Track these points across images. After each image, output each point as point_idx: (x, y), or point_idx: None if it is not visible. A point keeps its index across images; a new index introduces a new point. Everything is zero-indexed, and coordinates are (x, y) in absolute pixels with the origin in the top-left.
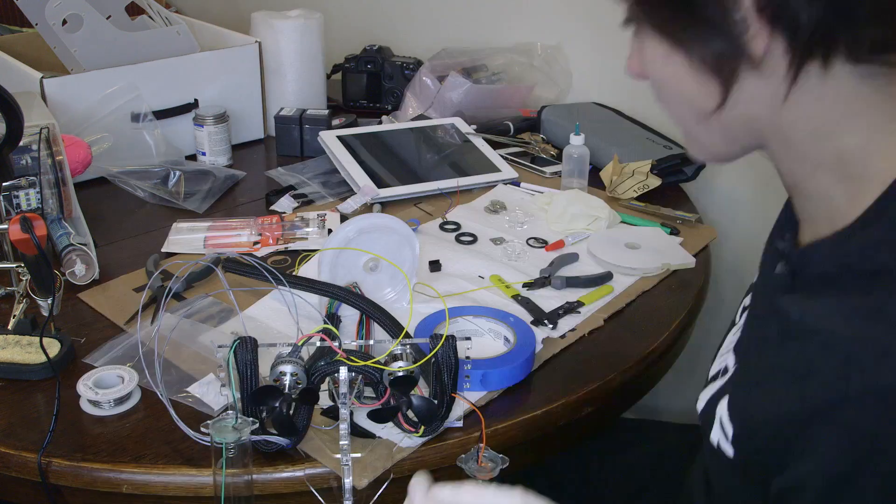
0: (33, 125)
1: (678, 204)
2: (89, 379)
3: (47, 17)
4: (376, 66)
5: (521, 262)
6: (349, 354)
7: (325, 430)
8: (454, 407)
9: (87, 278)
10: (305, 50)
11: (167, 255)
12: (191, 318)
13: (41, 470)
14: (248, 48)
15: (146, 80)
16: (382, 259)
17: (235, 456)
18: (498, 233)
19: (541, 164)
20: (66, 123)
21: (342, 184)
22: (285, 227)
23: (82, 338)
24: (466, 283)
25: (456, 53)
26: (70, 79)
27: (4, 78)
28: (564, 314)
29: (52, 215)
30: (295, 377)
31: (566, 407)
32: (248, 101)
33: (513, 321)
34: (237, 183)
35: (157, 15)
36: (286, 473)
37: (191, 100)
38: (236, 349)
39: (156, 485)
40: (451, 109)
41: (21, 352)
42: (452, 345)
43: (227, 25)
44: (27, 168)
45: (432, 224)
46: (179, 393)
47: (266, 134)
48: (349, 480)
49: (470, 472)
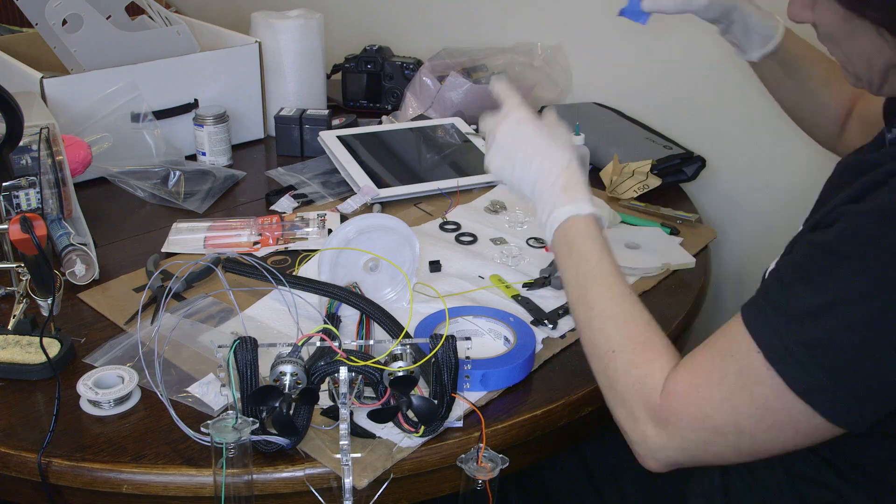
0: (33, 125)
1: (678, 204)
2: (89, 379)
3: (47, 17)
4: (376, 66)
5: (521, 263)
6: (349, 354)
7: (325, 430)
8: (454, 407)
9: (87, 278)
10: (305, 50)
11: (167, 255)
12: (191, 318)
13: (41, 470)
14: (248, 48)
15: (146, 80)
16: (382, 259)
17: (235, 456)
18: (498, 233)
19: None
20: (66, 123)
21: (342, 184)
22: (285, 227)
23: (82, 338)
24: (466, 283)
25: (456, 53)
26: (70, 79)
27: (4, 78)
28: (564, 314)
29: (52, 215)
30: (295, 377)
31: (566, 407)
32: (248, 101)
33: (513, 321)
34: (237, 183)
35: (157, 15)
36: (286, 473)
37: (191, 100)
38: (236, 349)
39: (156, 485)
40: (451, 109)
41: (21, 352)
42: (452, 345)
43: (227, 25)
44: (27, 168)
45: (432, 224)
46: (179, 393)
47: (266, 134)
48: (349, 480)
49: (470, 472)
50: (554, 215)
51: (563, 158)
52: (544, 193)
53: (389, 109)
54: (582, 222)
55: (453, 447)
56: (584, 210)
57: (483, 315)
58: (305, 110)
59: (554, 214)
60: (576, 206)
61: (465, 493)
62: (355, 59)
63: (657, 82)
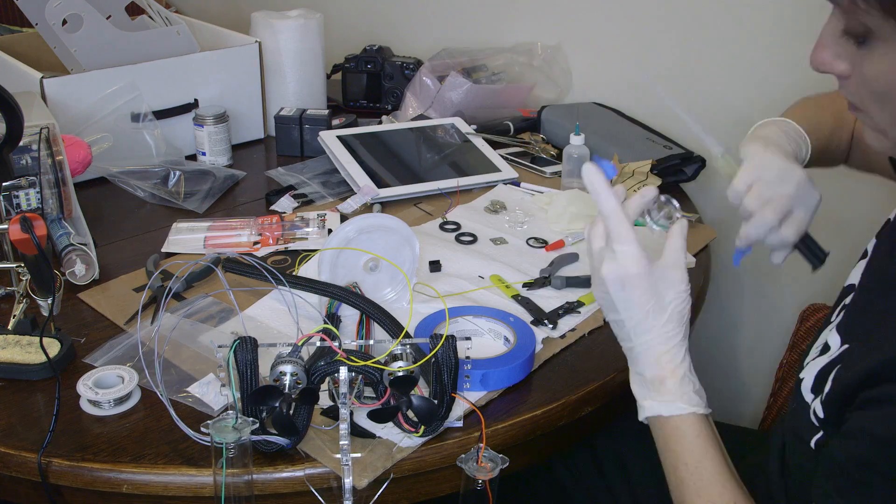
0: (33, 125)
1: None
2: (89, 379)
3: (47, 17)
4: (376, 66)
5: (521, 263)
6: (349, 354)
7: (325, 430)
8: (454, 407)
9: (87, 278)
10: (305, 50)
11: (167, 255)
12: (191, 318)
13: (41, 470)
14: (248, 48)
15: (146, 80)
16: (382, 259)
17: (235, 456)
18: (498, 233)
19: (541, 164)
20: (66, 123)
21: (342, 184)
22: (285, 227)
23: (82, 338)
24: (466, 283)
25: (456, 53)
26: (70, 79)
27: (4, 78)
28: (564, 314)
29: (52, 215)
30: (295, 377)
31: (566, 407)
32: (248, 101)
33: (513, 321)
34: (237, 183)
35: (157, 15)
36: (286, 473)
37: (191, 100)
38: (236, 349)
39: (156, 485)
40: (451, 109)
41: (21, 352)
42: (452, 345)
43: (227, 25)
44: (27, 168)
45: (432, 224)
46: (179, 393)
47: (266, 134)
48: (349, 480)
49: (470, 472)
50: (645, 405)
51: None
52: (642, 373)
53: (389, 109)
54: (679, 421)
55: (453, 447)
56: (679, 409)
57: (483, 315)
58: (305, 110)
59: (645, 404)
60: (670, 406)
61: (465, 493)
62: (355, 59)
63: (657, 82)
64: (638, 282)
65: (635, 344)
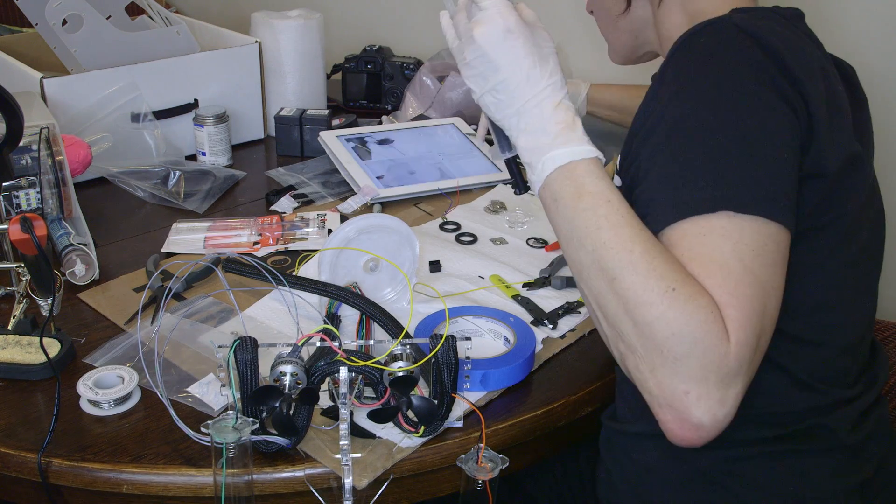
0: (33, 125)
1: None
2: (89, 379)
3: (47, 17)
4: (376, 66)
5: (521, 263)
6: (349, 354)
7: (325, 430)
8: (454, 407)
9: (87, 278)
10: (305, 50)
11: (167, 255)
12: (191, 318)
13: (41, 470)
14: (248, 48)
15: (146, 80)
16: (382, 259)
17: (235, 456)
18: (498, 233)
19: None
20: (66, 123)
21: (342, 184)
22: (285, 227)
23: (82, 338)
24: (466, 283)
25: None
26: (70, 79)
27: (4, 78)
28: (564, 314)
29: (52, 215)
30: (295, 377)
31: (566, 407)
32: (248, 101)
33: (513, 321)
34: (237, 183)
35: (157, 15)
36: (286, 473)
37: (191, 100)
38: (236, 349)
39: (156, 485)
40: (451, 109)
41: (21, 352)
42: (452, 345)
43: (227, 25)
44: (27, 168)
45: (432, 224)
46: (179, 393)
47: (266, 134)
48: (349, 480)
49: (470, 472)
50: (551, 155)
51: (557, 93)
52: (536, 131)
53: (389, 109)
54: (592, 164)
55: (453, 447)
56: (590, 153)
57: (483, 315)
58: (305, 110)
59: (551, 154)
60: (581, 149)
61: (465, 493)
62: (355, 59)
63: None
64: (519, 30)
65: (525, 102)
